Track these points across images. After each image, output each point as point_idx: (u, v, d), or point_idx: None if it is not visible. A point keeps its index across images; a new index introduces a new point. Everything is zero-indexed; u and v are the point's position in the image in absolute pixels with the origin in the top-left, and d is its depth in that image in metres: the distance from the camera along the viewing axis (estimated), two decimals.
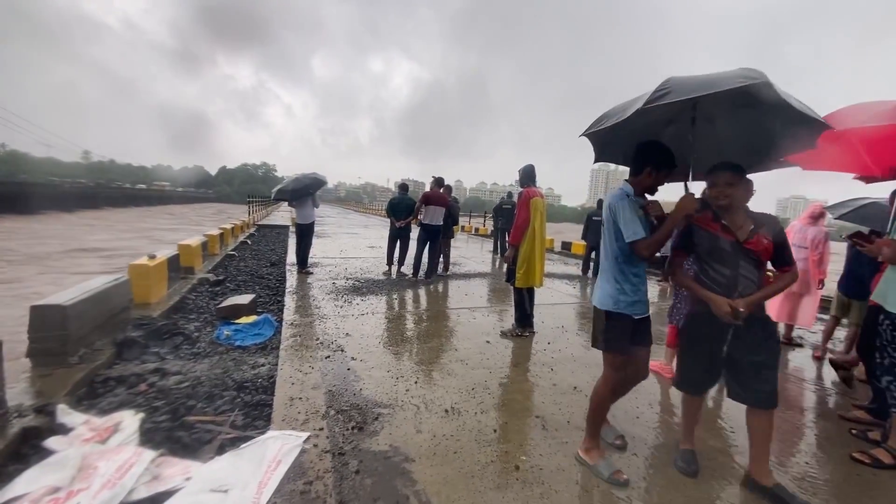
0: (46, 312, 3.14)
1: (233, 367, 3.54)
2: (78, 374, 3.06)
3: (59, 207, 42.16)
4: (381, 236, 15.25)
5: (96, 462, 2.07)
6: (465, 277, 7.92)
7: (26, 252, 15.55)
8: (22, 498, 1.87)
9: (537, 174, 4.49)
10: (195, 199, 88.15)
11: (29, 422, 2.44)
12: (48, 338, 3.15)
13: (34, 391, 2.82)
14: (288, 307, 5.06)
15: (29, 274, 10.16)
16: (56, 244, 15.63)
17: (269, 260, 9.45)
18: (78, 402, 2.83)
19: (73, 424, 2.49)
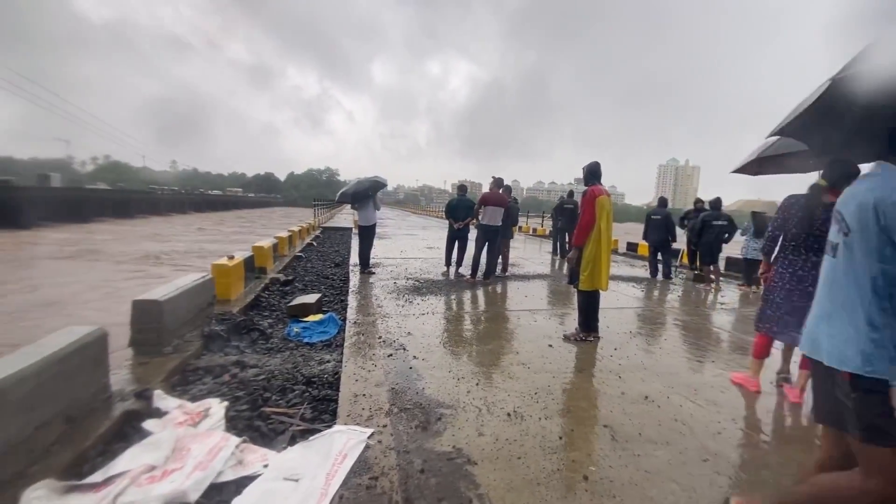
0: (146, 306, 3.50)
1: (302, 363, 3.74)
2: (172, 363, 3.38)
3: (153, 212, 47.04)
4: (440, 237, 15.42)
5: (189, 444, 2.26)
6: (525, 279, 7.79)
7: (131, 250, 17.46)
8: (124, 475, 2.08)
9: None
10: (265, 203, 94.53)
11: (130, 405, 2.73)
12: (147, 329, 3.51)
13: (134, 377, 3.14)
14: (351, 306, 5.25)
15: (131, 270, 11.42)
16: (157, 245, 17.44)
17: (333, 261, 9.88)
18: (172, 388, 3.13)
19: (168, 408, 2.74)
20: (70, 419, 2.40)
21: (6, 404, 1.97)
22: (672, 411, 2.91)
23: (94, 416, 2.55)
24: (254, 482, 2.11)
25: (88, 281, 13.48)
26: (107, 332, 2.76)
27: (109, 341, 2.81)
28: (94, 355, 2.63)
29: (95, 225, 34.68)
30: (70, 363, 2.40)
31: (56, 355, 2.31)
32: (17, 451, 2.02)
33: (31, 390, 2.12)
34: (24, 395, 2.07)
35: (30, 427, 2.11)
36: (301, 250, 10.83)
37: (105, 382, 2.75)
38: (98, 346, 2.67)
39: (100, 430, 2.43)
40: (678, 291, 7.51)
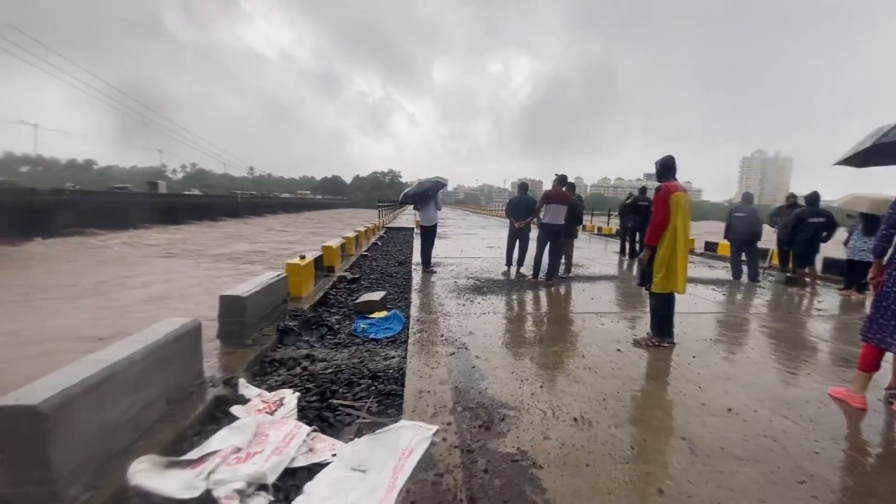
0: (231, 301, 3.82)
1: (368, 358, 3.87)
2: (252, 354, 3.65)
3: (233, 215, 51.27)
4: (499, 237, 15.31)
5: (267, 430, 2.43)
6: (590, 280, 7.50)
7: (227, 251, 19.11)
8: (216, 454, 2.27)
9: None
10: (331, 205, 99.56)
11: (219, 391, 2.98)
12: (232, 322, 3.82)
13: (222, 366, 3.43)
14: (414, 304, 5.36)
15: (224, 268, 12.52)
16: (245, 245, 19.02)
17: (396, 260, 10.16)
18: (252, 377, 3.38)
19: (250, 396, 2.97)
20: (171, 400, 2.67)
21: (118, 385, 2.23)
22: (760, 426, 2.65)
23: (191, 399, 2.82)
24: (324, 469, 2.22)
25: (191, 277, 14.99)
26: (200, 323, 3.04)
27: (202, 332, 3.10)
28: (190, 344, 2.91)
29: (187, 226, 38.52)
30: (170, 350, 2.67)
31: (158, 343, 2.58)
32: (125, 427, 2.29)
33: (138, 373, 2.38)
34: (132, 377, 2.34)
35: (137, 406, 2.37)
36: (366, 250, 11.26)
37: (199, 369, 3.04)
38: (193, 336, 2.95)
39: (195, 412, 2.68)
40: (766, 296, 6.84)
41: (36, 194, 28.07)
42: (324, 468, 2.22)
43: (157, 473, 2.12)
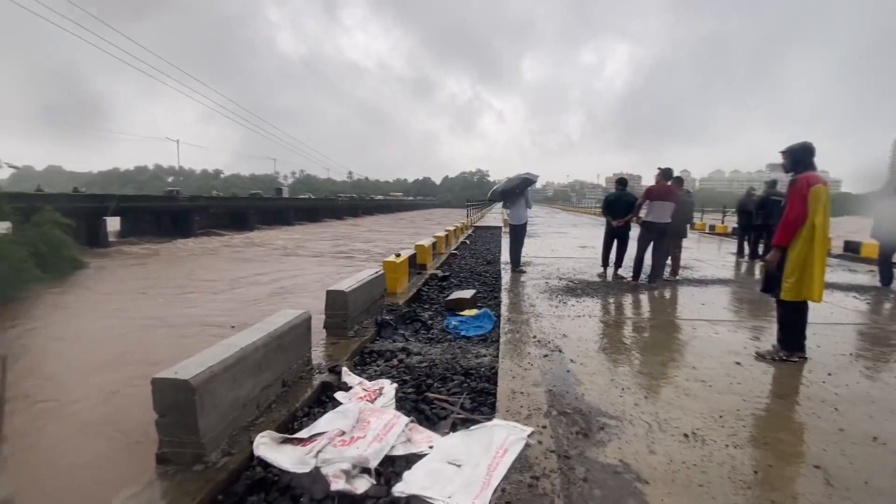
0: (335, 296, 4.13)
1: (460, 355, 3.93)
2: (353, 346, 3.92)
3: (334, 216, 55.55)
4: (593, 235, 14.58)
5: (369, 417, 2.58)
6: (701, 284, 6.80)
7: (332, 250, 20.85)
8: (323, 435, 2.47)
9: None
10: (421, 206, 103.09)
11: (325, 377, 3.24)
12: (336, 315, 4.14)
13: (327, 354, 3.74)
14: (504, 303, 5.32)
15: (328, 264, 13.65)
16: (358, 244, 20.61)
17: (485, 259, 10.19)
18: (354, 367, 3.62)
19: (352, 384, 3.18)
20: (285, 383, 2.97)
21: (246, 367, 2.53)
22: None
23: (301, 384, 3.12)
24: (421, 460, 2.29)
25: (310, 274, 16.59)
26: (310, 315, 3.34)
27: (311, 323, 3.40)
28: (302, 334, 3.21)
29: (297, 227, 42.67)
30: (285, 339, 2.97)
31: (276, 332, 2.88)
32: (251, 404, 2.59)
33: (260, 358, 2.68)
34: (256, 360, 2.64)
35: (259, 387, 2.68)
36: (456, 248, 11.47)
37: (309, 356, 3.34)
38: (304, 327, 3.25)
39: (305, 395, 2.96)
40: None
41: (177, 200, 33.10)
42: (421, 458, 2.30)
43: (275, 447, 2.37)
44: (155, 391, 2.12)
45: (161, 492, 2.00)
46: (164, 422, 2.15)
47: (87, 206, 23.80)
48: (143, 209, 30.13)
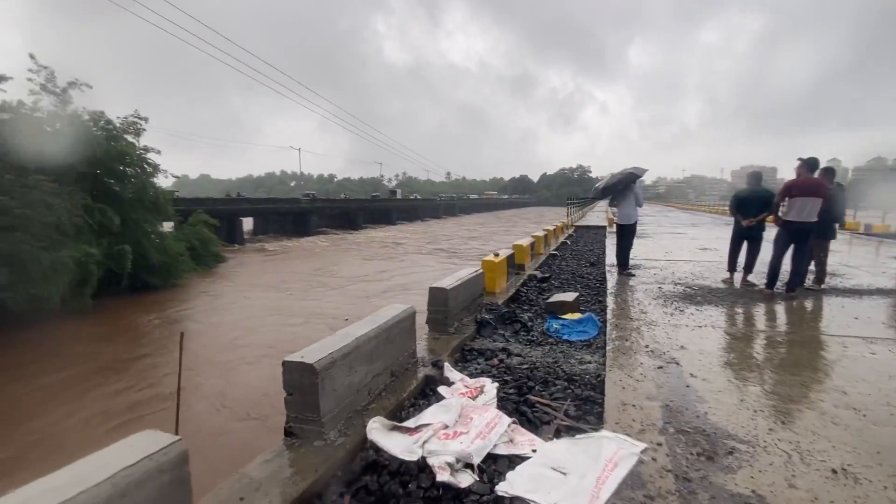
0: (437, 293, 4.26)
1: (562, 359, 3.79)
2: (454, 342, 4.00)
3: (433, 216, 57.46)
4: (716, 237, 13.05)
5: (471, 414, 2.62)
6: (853, 294, 5.70)
7: (434, 247, 21.76)
8: (428, 426, 2.56)
9: None
10: (518, 204, 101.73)
11: (428, 371, 3.36)
12: (438, 311, 4.27)
13: (429, 349, 3.86)
14: (611, 308, 5.01)
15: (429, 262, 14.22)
16: (447, 242, 21.30)
17: (587, 260, 9.71)
18: (455, 363, 3.70)
19: (454, 379, 3.25)
20: (393, 374, 3.14)
21: (360, 355, 2.73)
22: None
23: (406, 375, 3.27)
24: (524, 463, 2.26)
25: (413, 270, 17.53)
26: (415, 310, 3.49)
27: (417, 318, 3.55)
28: (408, 327, 3.37)
29: (398, 226, 45.07)
30: (393, 331, 3.14)
31: (386, 324, 3.06)
32: (363, 391, 2.78)
33: (372, 348, 2.87)
34: (369, 350, 2.83)
35: (370, 375, 2.86)
36: (555, 249, 11.11)
37: (413, 349, 3.49)
38: (410, 321, 3.40)
39: (410, 386, 3.10)
40: None
41: (298, 202, 36.97)
42: (524, 461, 2.26)
43: (385, 433, 2.51)
44: (285, 372, 2.38)
45: (289, 461, 2.24)
46: (292, 399, 2.41)
47: (227, 209, 27.80)
48: (270, 211, 34.29)
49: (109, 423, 6.05)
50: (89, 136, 14.10)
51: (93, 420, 6.18)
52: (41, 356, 8.69)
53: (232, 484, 2.03)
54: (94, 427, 5.97)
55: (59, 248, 11.11)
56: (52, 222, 11.11)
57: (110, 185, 14.81)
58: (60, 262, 10.89)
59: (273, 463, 2.22)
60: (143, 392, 6.97)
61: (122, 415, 6.28)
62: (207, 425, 5.89)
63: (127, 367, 8.04)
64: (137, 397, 6.80)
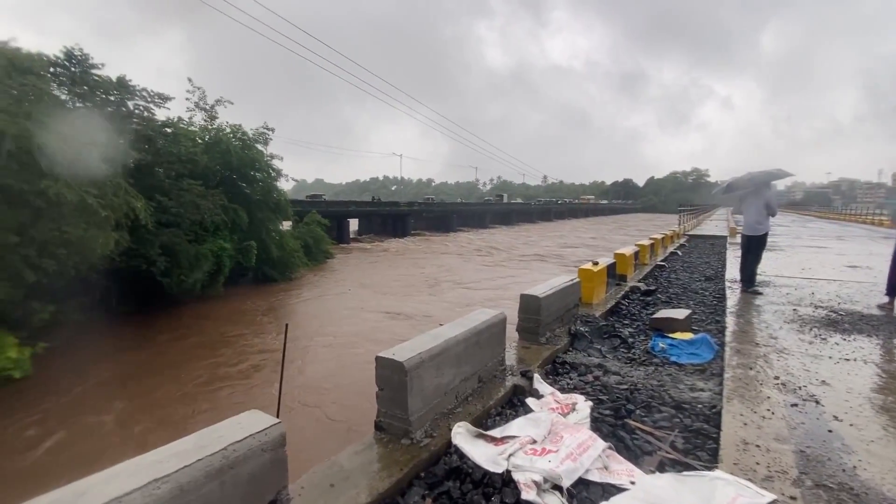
0: (529, 300, 4.12)
1: (669, 383, 3.41)
2: (545, 353, 3.83)
3: (526, 220, 56.52)
4: (870, 252, 10.87)
5: (561, 432, 2.46)
6: None
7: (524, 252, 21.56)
8: (515, 439, 2.46)
9: None
10: (620, 210, 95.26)
11: (517, 381, 3.25)
12: (529, 319, 4.13)
13: (519, 358, 3.74)
14: (731, 329, 4.39)
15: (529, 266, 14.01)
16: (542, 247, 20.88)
17: (702, 273, 8.70)
18: (545, 375, 3.54)
19: (544, 393, 3.10)
20: (480, 379, 3.10)
21: (449, 357, 2.73)
22: None
23: (494, 382, 3.20)
24: (620, 494, 2.05)
25: (502, 275, 17.53)
26: (506, 316, 3.40)
27: (507, 326, 3.47)
28: (497, 333, 3.30)
29: (491, 229, 45.10)
30: (482, 336, 3.10)
31: (475, 328, 3.03)
32: (451, 393, 2.78)
33: (461, 351, 2.85)
34: (457, 353, 2.82)
35: (458, 378, 2.85)
36: (663, 259, 10.15)
37: (502, 356, 3.41)
38: (500, 327, 3.33)
39: (498, 394, 3.02)
40: None
41: (398, 205, 38.90)
42: (620, 492, 2.06)
43: (470, 440, 2.47)
44: (377, 367, 2.47)
45: (377, 455, 2.31)
46: (382, 395, 2.48)
47: (337, 210, 30.25)
48: (374, 213, 36.60)
49: (219, 383, 7.09)
50: (229, 145, 16.35)
51: (208, 376, 7.33)
52: (184, 326, 10.39)
53: (324, 470, 2.14)
54: (208, 383, 7.05)
55: (201, 242, 13.06)
56: (198, 220, 13.09)
57: (242, 187, 16.99)
58: (202, 254, 12.78)
59: (362, 455, 2.30)
60: (245, 363, 8.00)
61: (228, 379, 7.28)
62: (303, 409, 6.42)
63: (236, 342, 9.27)
64: (239, 368, 7.82)
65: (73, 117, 9.26)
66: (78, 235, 8.65)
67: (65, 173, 8.22)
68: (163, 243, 11.70)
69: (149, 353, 8.70)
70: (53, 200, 8.08)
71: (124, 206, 10.09)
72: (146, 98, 13.03)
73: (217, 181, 16.12)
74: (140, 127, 12.65)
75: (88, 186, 8.68)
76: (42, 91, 8.61)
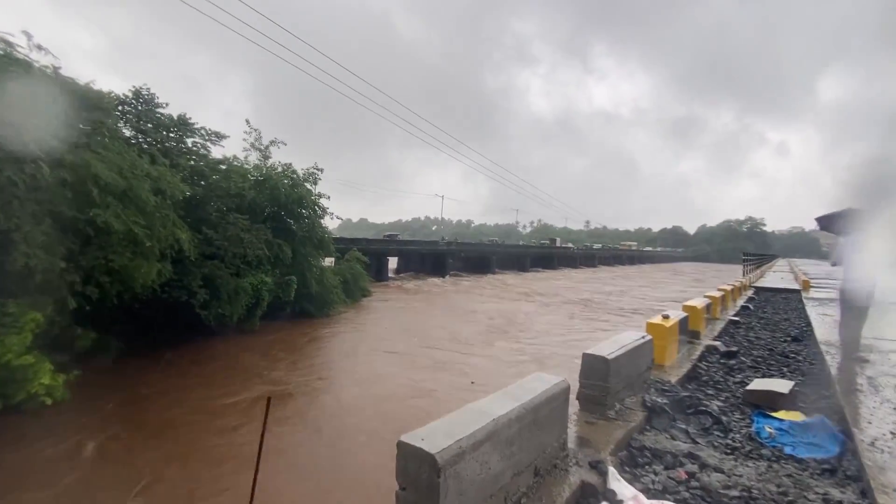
0: (594, 362, 3.36)
1: (792, 489, 2.50)
2: (618, 432, 3.02)
3: (569, 265, 54.85)
4: None
5: None
6: None
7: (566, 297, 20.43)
8: None
9: None
10: (668, 258, 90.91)
11: (585, 475, 2.46)
12: (594, 386, 3.34)
13: (581, 438, 2.95)
14: (857, 414, 3.37)
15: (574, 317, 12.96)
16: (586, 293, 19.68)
17: (784, 332, 7.46)
18: (620, 465, 2.72)
19: (623, 497, 2.30)
20: (537, 471, 2.34)
21: (498, 445, 2.03)
22: None
23: (555, 474, 2.43)
24: None
25: (546, 323, 16.52)
26: (569, 384, 2.67)
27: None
28: (559, 407, 2.56)
29: (531, 273, 43.81)
30: (541, 412, 2.37)
31: (532, 402, 2.31)
32: (497, 495, 2.05)
33: (514, 434, 2.14)
34: (509, 437, 2.11)
35: (510, 472, 2.12)
36: (735, 314, 8.93)
37: (565, 438, 2.65)
38: (562, 398, 2.59)
39: (562, 496, 2.25)
40: None
41: (437, 245, 38.79)
42: None
43: None
44: (399, 456, 1.81)
45: None
46: (405, 496, 1.81)
47: (377, 248, 30.40)
48: (413, 252, 36.57)
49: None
50: (278, 182, 16.79)
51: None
52: (215, 359, 10.08)
53: None
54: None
55: (242, 275, 13.08)
56: (241, 253, 13.19)
57: (289, 223, 17.27)
58: (242, 287, 12.76)
59: None
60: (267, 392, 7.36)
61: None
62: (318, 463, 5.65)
63: (264, 375, 8.74)
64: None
65: (129, 150, 9.61)
66: (122, 264, 8.71)
67: (114, 203, 8.39)
68: (204, 275, 11.75)
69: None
70: (102, 228, 8.22)
71: (170, 237, 10.24)
72: (203, 136, 13.64)
73: (264, 216, 16.48)
74: (195, 163, 13.17)
75: (137, 216, 8.83)
76: (104, 125, 9.01)
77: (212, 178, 13.63)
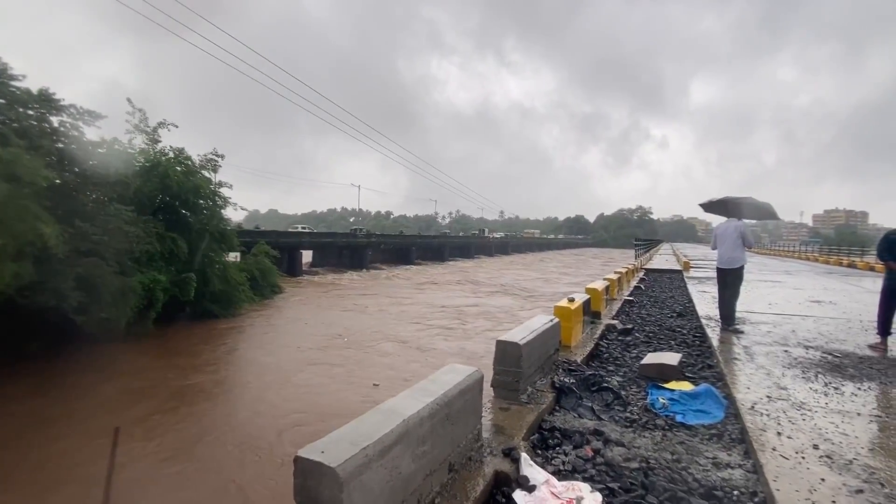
0: (507, 348, 3.37)
1: (685, 456, 2.72)
2: (529, 416, 3.06)
3: (484, 253, 56.79)
4: (824, 287, 11.17)
5: None
6: None
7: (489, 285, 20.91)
8: None
9: None
10: (572, 244, 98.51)
11: (499, 464, 2.44)
12: (507, 372, 3.36)
13: (496, 425, 2.94)
14: (737, 381, 3.81)
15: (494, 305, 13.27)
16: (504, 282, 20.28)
17: (671, 309, 8.34)
18: (533, 450, 2.75)
19: (536, 481, 2.31)
20: (451, 468, 2.26)
21: (409, 446, 1.89)
22: None
23: (469, 468, 2.37)
24: None
25: (458, 303, 16.70)
26: (482, 374, 2.62)
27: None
28: (472, 399, 2.50)
29: (450, 263, 44.58)
30: (455, 406, 2.28)
31: (446, 396, 2.21)
32: (409, 500, 1.92)
33: (426, 432, 2.02)
34: (420, 436, 1.98)
35: (421, 474, 2.00)
36: (629, 294, 9.81)
37: (479, 429, 2.60)
38: (476, 390, 2.53)
39: (475, 489, 2.19)
40: None
41: (355, 237, 37.73)
42: None
43: None
44: (297, 473, 1.59)
45: None
46: None
47: (289, 241, 28.68)
48: (329, 244, 35.14)
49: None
50: (168, 170, 14.94)
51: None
52: (95, 371, 8.69)
53: None
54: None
55: (130, 273, 11.47)
56: (125, 248, 11.54)
57: (185, 216, 15.49)
58: (129, 287, 11.18)
59: None
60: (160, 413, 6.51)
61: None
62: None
63: (156, 394, 7.74)
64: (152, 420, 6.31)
65: None
66: None
67: None
68: (79, 275, 10.07)
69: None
70: None
71: (30, 232, 8.60)
72: (74, 115, 11.58)
73: (154, 207, 14.61)
74: (63, 145, 11.17)
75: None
76: None
77: (87, 164, 11.67)
